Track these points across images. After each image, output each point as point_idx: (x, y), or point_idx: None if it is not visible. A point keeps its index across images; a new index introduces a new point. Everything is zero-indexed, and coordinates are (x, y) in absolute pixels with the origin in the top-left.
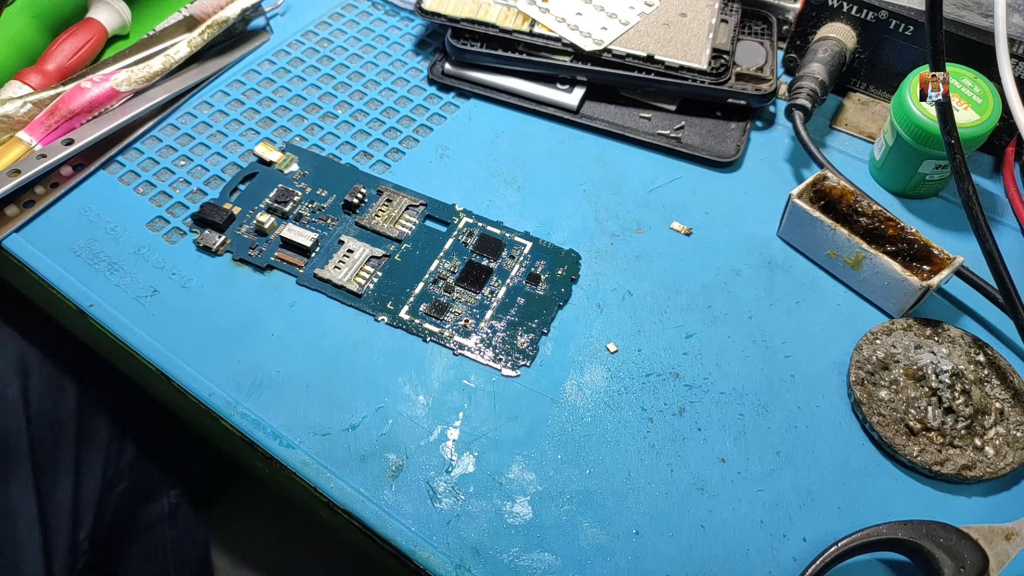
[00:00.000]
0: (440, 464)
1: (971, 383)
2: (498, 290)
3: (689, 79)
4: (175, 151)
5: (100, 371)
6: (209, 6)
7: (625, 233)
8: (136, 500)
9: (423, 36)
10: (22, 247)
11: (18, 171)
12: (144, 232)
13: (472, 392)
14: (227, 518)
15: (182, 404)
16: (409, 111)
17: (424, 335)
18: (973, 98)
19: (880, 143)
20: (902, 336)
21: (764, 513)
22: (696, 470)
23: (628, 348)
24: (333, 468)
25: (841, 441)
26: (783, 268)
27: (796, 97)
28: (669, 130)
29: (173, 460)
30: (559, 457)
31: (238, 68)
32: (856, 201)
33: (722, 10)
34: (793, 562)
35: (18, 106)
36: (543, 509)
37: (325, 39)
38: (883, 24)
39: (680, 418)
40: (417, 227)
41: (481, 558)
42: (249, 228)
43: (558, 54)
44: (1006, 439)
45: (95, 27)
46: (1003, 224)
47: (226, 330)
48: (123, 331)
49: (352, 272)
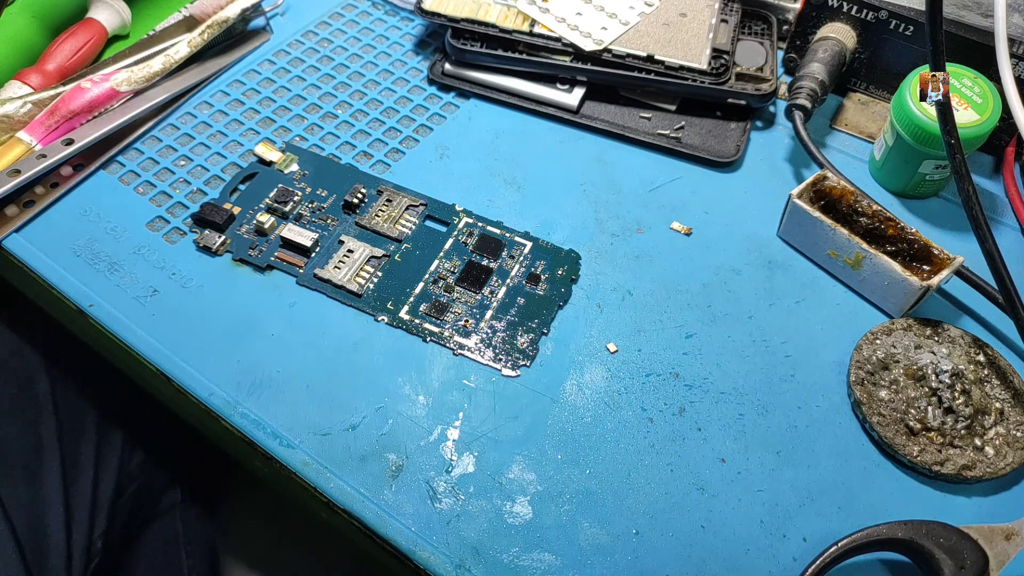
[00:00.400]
0: (440, 464)
1: (971, 383)
2: (498, 290)
3: (689, 79)
4: (175, 151)
5: (115, 373)
6: (209, 6)
7: (625, 233)
8: (145, 502)
9: (423, 36)
10: (22, 247)
11: (18, 171)
12: (144, 232)
13: (472, 392)
14: (227, 518)
15: (182, 404)
16: (409, 111)
17: (424, 335)
18: (973, 98)
19: (880, 143)
20: (902, 336)
21: (764, 513)
22: (696, 470)
23: (628, 348)
24: (333, 468)
25: (841, 441)
26: (783, 268)
27: (796, 97)
28: (669, 130)
29: (176, 461)
30: (559, 457)
31: (238, 68)
32: (856, 201)
33: (722, 10)
34: (793, 562)
35: (18, 106)
36: (543, 509)
37: (325, 39)
38: (883, 24)
39: (680, 418)
40: (417, 227)
41: (481, 558)
42: (249, 228)
43: (558, 54)
44: (1006, 439)
45: (95, 27)
46: (1003, 224)
47: (226, 330)
48: (123, 331)
49: (352, 272)
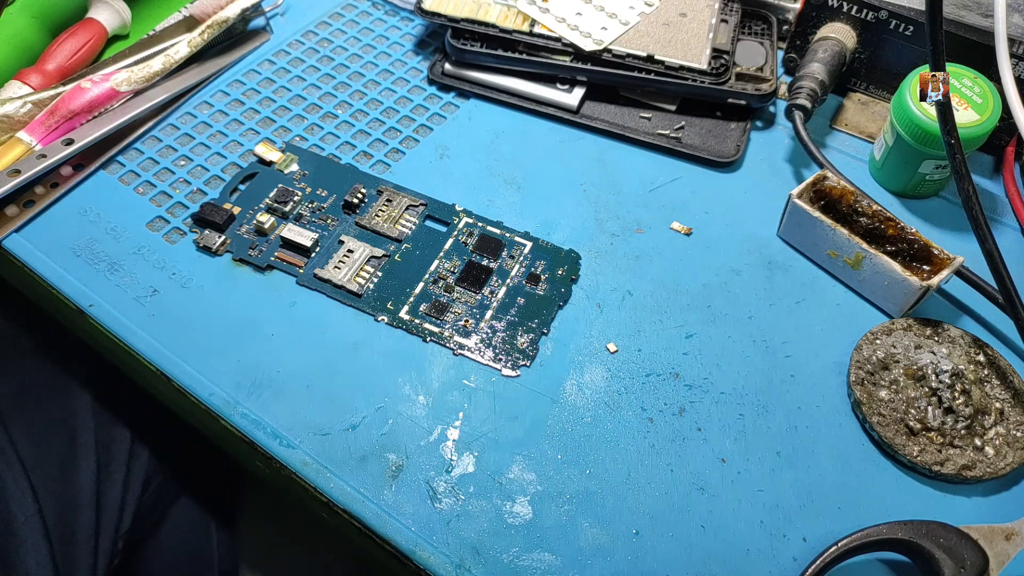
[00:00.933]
0: (440, 464)
1: (971, 383)
2: (498, 290)
3: (689, 79)
4: (175, 151)
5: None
6: (209, 6)
7: (625, 233)
8: (161, 504)
9: (423, 36)
10: (22, 247)
11: (18, 171)
12: (144, 232)
13: (472, 392)
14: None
15: (182, 404)
16: (409, 111)
17: (424, 335)
18: (973, 98)
19: (880, 143)
20: (902, 336)
21: (764, 513)
22: (696, 470)
23: (628, 348)
24: (333, 468)
25: (841, 441)
26: (783, 268)
27: (796, 97)
28: (669, 130)
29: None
30: (559, 457)
31: (238, 68)
32: (856, 201)
33: (722, 10)
34: (793, 562)
35: (18, 106)
36: (543, 509)
37: (325, 39)
38: (883, 24)
39: (680, 418)
40: (417, 227)
41: (481, 558)
42: (249, 228)
43: (558, 54)
44: (1006, 439)
45: (95, 27)
46: (1003, 224)
47: (226, 330)
48: (123, 331)
49: (352, 272)
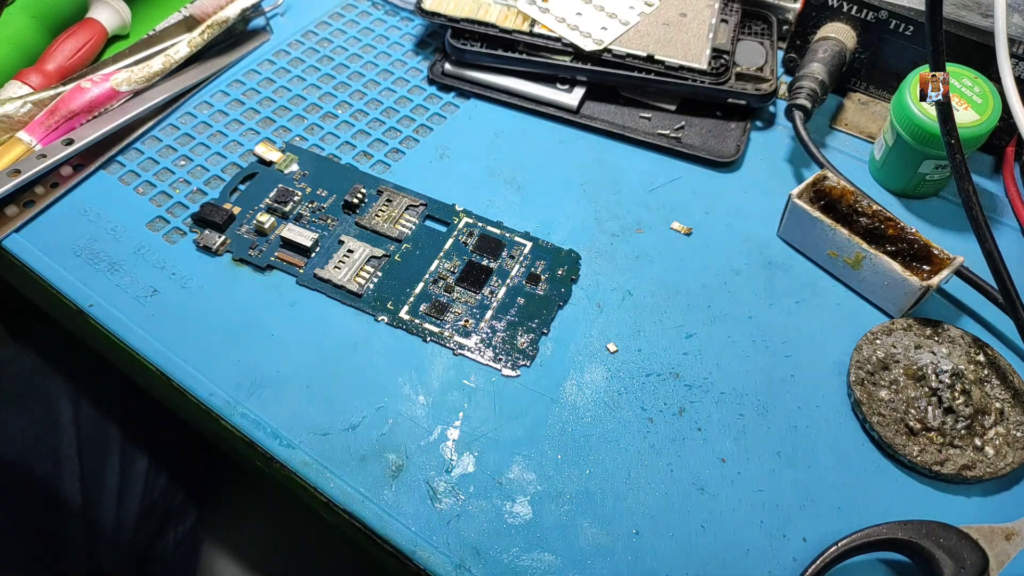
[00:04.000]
0: (440, 464)
1: (971, 383)
2: (498, 290)
3: (689, 79)
4: (175, 151)
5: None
6: (209, 6)
7: (625, 233)
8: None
9: (423, 36)
10: (22, 247)
11: (18, 171)
12: (144, 232)
13: (472, 392)
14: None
15: (182, 404)
16: (409, 111)
17: (424, 335)
18: (973, 98)
19: (880, 143)
20: (902, 336)
21: (764, 513)
22: (696, 470)
23: (628, 348)
24: (333, 468)
25: (841, 441)
26: (783, 268)
27: (796, 97)
28: (669, 130)
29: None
30: (559, 457)
31: (238, 68)
32: (856, 201)
33: (722, 10)
34: (793, 562)
35: (18, 106)
36: (543, 509)
37: (325, 39)
38: (883, 24)
39: (680, 418)
40: (417, 227)
41: (481, 558)
42: (249, 228)
43: (558, 54)
44: (1006, 439)
45: (95, 27)
46: (1003, 224)
47: (226, 330)
48: (123, 331)
49: (352, 272)
